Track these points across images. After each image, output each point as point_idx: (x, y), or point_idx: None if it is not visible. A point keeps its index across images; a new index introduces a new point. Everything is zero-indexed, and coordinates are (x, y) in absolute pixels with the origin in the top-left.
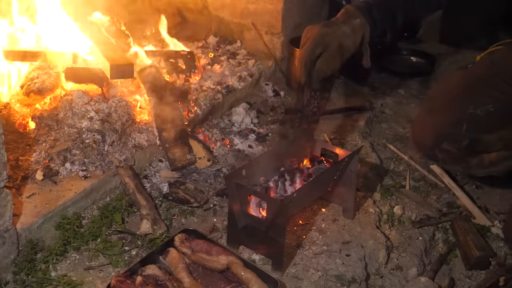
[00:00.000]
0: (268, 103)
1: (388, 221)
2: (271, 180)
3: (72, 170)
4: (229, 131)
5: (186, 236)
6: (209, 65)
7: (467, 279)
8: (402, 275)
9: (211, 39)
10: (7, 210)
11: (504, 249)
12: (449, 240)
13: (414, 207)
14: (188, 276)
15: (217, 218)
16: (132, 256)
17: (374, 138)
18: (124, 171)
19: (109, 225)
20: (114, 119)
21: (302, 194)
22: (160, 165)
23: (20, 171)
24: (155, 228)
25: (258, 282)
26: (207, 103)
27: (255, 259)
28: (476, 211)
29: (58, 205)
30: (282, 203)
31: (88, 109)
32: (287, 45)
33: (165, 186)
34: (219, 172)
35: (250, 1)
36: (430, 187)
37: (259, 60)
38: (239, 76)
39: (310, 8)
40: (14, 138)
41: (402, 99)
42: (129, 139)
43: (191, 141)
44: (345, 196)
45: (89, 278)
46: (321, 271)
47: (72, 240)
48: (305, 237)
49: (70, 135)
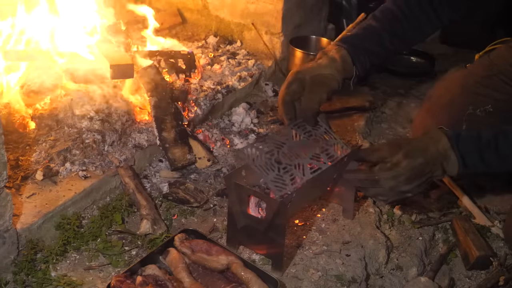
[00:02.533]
0: (268, 103)
1: (388, 221)
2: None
3: (72, 170)
4: (229, 131)
5: (186, 236)
6: (209, 65)
7: (467, 279)
8: (402, 275)
9: (211, 39)
10: (7, 210)
11: (504, 249)
12: (449, 240)
13: (414, 207)
14: (188, 276)
15: (217, 218)
16: (132, 256)
17: (374, 138)
18: (124, 171)
19: (109, 225)
20: (114, 119)
21: (301, 194)
22: (160, 165)
23: (20, 171)
24: (155, 228)
25: (258, 282)
26: (207, 103)
27: (255, 259)
28: (476, 211)
29: (58, 205)
30: (282, 203)
31: (88, 109)
32: (287, 45)
33: (165, 186)
34: (219, 172)
35: (250, 1)
36: (430, 187)
37: (259, 60)
38: (239, 76)
39: (310, 8)
40: (14, 138)
41: (402, 99)
42: (129, 139)
43: (191, 141)
44: (345, 196)
45: (89, 278)
46: (321, 271)
47: (72, 240)
48: (305, 237)
49: (70, 135)
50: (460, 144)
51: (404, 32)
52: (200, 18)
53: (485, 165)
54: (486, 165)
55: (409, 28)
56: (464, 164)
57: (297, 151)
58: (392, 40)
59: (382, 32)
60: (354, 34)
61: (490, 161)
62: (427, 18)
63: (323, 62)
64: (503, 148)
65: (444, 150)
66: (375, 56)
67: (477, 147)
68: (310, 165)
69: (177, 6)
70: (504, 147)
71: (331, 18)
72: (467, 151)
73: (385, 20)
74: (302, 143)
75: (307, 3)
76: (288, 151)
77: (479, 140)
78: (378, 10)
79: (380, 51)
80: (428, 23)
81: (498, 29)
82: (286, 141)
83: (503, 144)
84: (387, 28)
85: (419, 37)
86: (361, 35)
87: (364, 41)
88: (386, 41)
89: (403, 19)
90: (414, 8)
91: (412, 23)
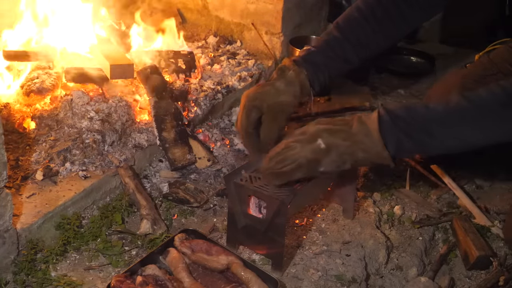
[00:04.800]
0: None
1: (388, 221)
2: None
3: (72, 170)
4: (229, 131)
5: (186, 236)
6: (209, 65)
7: (467, 279)
8: (402, 275)
9: (211, 39)
10: (7, 210)
11: (504, 249)
12: (449, 240)
13: (414, 207)
14: (188, 276)
15: (217, 218)
16: (132, 256)
17: None
18: (124, 171)
19: (109, 225)
20: (114, 119)
21: (302, 194)
22: (160, 165)
23: (20, 171)
24: (155, 228)
25: (258, 282)
26: (207, 103)
27: (255, 259)
28: (476, 211)
29: (58, 205)
30: (282, 203)
31: (88, 109)
32: (287, 45)
33: (165, 186)
34: (219, 172)
35: (250, 1)
36: (430, 187)
37: (259, 60)
38: (239, 76)
39: (310, 8)
40: (14, 138)
41: (402, 99)
42: (129, 139)
43: (191, 141)
44: (345, 196)
45: (89, 278)
46: (321, 271)
47: (72, 240)
48: (305, 237)
49: (70, 135)
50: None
51: (368, 40)
52: (200, 18)
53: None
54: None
55: (374, 36)
56: (389, 118)
57: None
58: (356, 50)
59: (345, 43)
60: (316, 50)
61: (416, 114)
62: (392, 23)
63: (280, 86)
64: (433, 107)
65: (368, 119)
66: (336, 71)
67: (402, 105)
68: None
69: (177, 6)
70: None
71: (331, 18)
72: (389, 109)
73: (348, 30)
74: None
75: (307, 3)
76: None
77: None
78: (341, 18)
79: (342, 65)
80: (394, 28)
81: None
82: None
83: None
84: (349, 38)
85: (386, 43)
86: (323, 50)
87: (326, 58)
88: (349, 53)
89: (367, 26)
90: (379, 13)
91: (377, 30)
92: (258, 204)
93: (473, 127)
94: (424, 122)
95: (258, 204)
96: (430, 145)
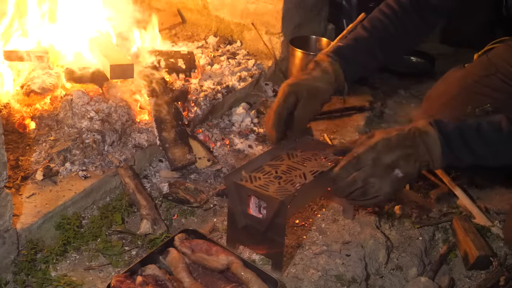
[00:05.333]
0: (268, 103)
1: (388, 221)
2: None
3: (72, 170)
4: (229, 131)
5: (186, 236)
6: (209, 65)
7: (467, 279)
8: (402, 275)
9: (211, 39)
10: (7, 210)
11: (504, 249)
12: (449, 240)
13: (414, 207)
14: (188, 276)
15: (217, 218)
16: (132, 256)
17: None
18: (124, 171)
19: (109, 225)
20: (114, 119)
21: (302, 194)
22: (160, 165)
23: (20, 171)
24: (155, 228)
25: (258, 282)
26: (207, 103)
27: (255, 259)
28: (476, 211)
29: (58, 205)
30: (282, 203)
31: (88, 109)
32: (287, 45)
33: (165, 186)
34: (219, 172)
35: (250, 1)
36: (430, 187)
37: (259, 60)
38: (239, 76)
39: (310, 8)
40: (14, 138)
41: (402, 99)
42: (129, 139)
43: (191, 141)
44: None
45: (89, 278)
46: (321, 271)
47: (72, 240)
48: (305, 237)
49: (70, 135)
50: (441, 123)
51: (393, 41)
52: (200, 18)
53: (469, 150)
54: (471, 150)
55: (398, 37)
56: (447, 145)
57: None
58: (382, 50)
59: (373, 42)
60: (347, 45)
61: (472, 143)
62: (414, 26)
63: (317, 74)
64: (484, 133)
65: (422, 126)
66: (365, 69)
67: (457, 126)
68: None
69: (177, 6)
70: (487, 132)
71: (331, 18)
72: (447, 130)
73: (374, 30)
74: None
75: (307, 3)
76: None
77: (461, 122)
78: (366, 20)
79: (371, 63)
80: (416, 31)
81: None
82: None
83: (485, 128)
84: (376, 38)
85: (409, 45)
86: (353, 47)
87: (356, 54)
88: (377, 51)
89: (392, 28)
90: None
91: (400, 32)
92: (258, 204)
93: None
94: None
95: (258, 204)
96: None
